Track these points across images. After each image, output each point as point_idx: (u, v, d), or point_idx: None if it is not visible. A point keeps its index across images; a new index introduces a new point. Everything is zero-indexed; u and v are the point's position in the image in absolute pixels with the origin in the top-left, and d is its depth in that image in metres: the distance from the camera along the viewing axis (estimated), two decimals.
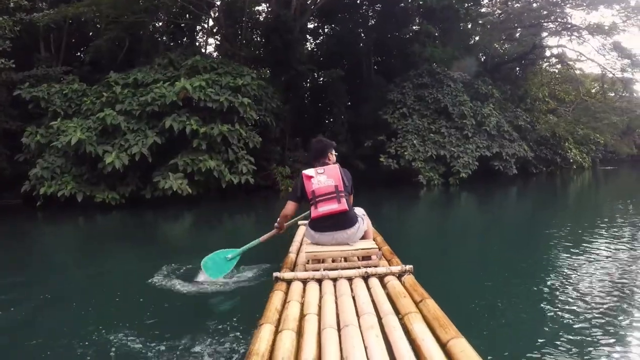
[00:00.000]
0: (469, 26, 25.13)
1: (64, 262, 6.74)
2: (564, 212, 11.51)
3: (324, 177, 3.38)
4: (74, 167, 12.33)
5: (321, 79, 22.33)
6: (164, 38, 20.12)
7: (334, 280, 2.84)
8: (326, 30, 25.72)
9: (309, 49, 25.26)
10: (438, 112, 19.18)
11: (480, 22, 24.30)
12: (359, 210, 3.67)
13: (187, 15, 19.86)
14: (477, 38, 25.68)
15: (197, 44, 22.11)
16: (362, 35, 23.58)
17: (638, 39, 64.29)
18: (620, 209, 10.34)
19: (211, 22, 22.23)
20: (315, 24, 25.44)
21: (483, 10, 24.97)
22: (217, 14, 20.69)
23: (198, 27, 22.56)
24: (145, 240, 8.46)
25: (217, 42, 23.71)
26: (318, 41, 26.22)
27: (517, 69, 27.41)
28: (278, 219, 3.92)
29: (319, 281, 2.84)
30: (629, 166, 37.46)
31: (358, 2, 23.32)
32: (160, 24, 19.97)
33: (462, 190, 16.60)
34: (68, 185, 11.85)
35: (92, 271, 5.67)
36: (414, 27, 23.13)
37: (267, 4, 22.20)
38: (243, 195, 14.26)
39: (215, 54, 21.65)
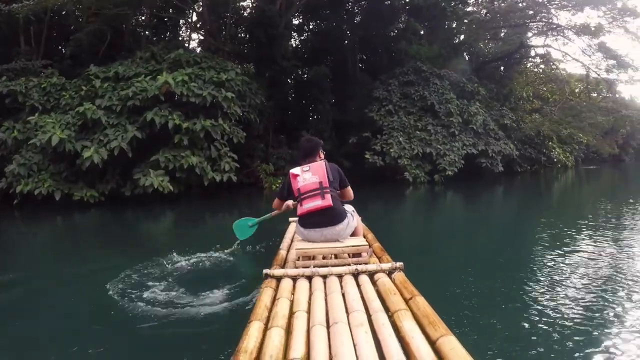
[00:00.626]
0: (455, 25, 25.27)
1: (41, 262, 6.50)
2: (549, 210, 11.61)
3: (309, 174, 3.45)
4: (51, 165, 11.97)
5: (306, 75, 22.21)
6: (147, 32, 19.81)
7: (324, 277, 2.83)
8: (311, 26, 25.63)
9: (294, 45, 25.22)
10: (424, 109, 19.20)
11: (466, 20, 24.46)
12: (349, 207, 3.68)
13: (171, 9, 19.64)
14: (462, 37, 25.85)
15: (180, 38, 21.90)
16: (348, 32, 23.53)
17: (623, 40, 65.36)
18: (604, 207, 10.44)
19: (195, 17, 22.01)
20: (300, 20, 25.33)
21: (469, 9, 25.18)
22: (201, 8, 20.45)
23: (181, 22, 22.39)
24: (126, 239, 8.26)
25: (201, 37, 23.52)
26: (303, 37, 26.20)
27: (502, 68, 27.68)
28: None
29: (309, 278, 2.84)
30: (610, 166, 38.31)
31: None
32: (143, 17, 19.67)
33: (448, 188, 16.66)
34: (45, 183, 11.50)
35: (71, 270, 5.46)
36: (400, 25, 23.21)
37: None
38: (226, 193, 14.07)
39: (198, 50, 21.39)
